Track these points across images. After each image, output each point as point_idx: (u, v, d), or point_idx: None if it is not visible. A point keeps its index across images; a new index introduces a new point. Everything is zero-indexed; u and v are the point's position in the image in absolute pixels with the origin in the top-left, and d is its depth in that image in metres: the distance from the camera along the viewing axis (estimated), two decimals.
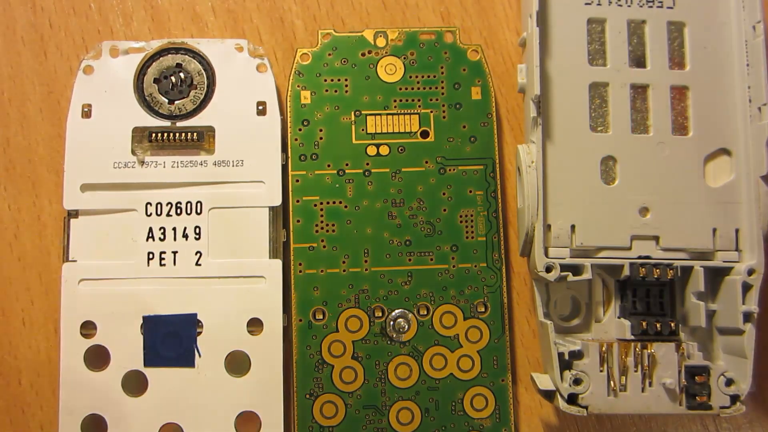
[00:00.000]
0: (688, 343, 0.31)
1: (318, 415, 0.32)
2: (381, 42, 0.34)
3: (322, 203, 0.33)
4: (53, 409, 0.32)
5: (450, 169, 0.33)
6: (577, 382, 0.30)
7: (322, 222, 0.33)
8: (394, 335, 0.32)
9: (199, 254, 0.32)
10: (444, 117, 0.33)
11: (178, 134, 0.32)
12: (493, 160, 0.33)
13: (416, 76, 0.33)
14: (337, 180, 0.33)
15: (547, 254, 0.31)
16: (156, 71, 0.33)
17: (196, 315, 0.31)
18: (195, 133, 0.32)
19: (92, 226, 0.32)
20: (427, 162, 0.33)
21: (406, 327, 0.32)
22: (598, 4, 0.32)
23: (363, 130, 0.33)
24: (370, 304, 0.32)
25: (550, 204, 0.31)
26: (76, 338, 0.31)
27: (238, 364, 0.31)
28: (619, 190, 0.31)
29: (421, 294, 0.32)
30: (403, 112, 0.33)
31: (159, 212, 0.32)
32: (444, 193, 0.33)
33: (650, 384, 0.30)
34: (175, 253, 0.32)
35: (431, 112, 0.33)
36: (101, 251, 0.32)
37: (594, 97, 0.32)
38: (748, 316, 0.30)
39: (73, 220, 0.32)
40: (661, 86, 0.32)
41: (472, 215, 0.33)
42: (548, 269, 0.30)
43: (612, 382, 0.30)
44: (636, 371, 0.30)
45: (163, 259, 0.32)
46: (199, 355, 0.31)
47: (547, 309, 0.32)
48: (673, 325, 0.31)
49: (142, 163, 0.32)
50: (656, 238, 0.31)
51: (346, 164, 0.33)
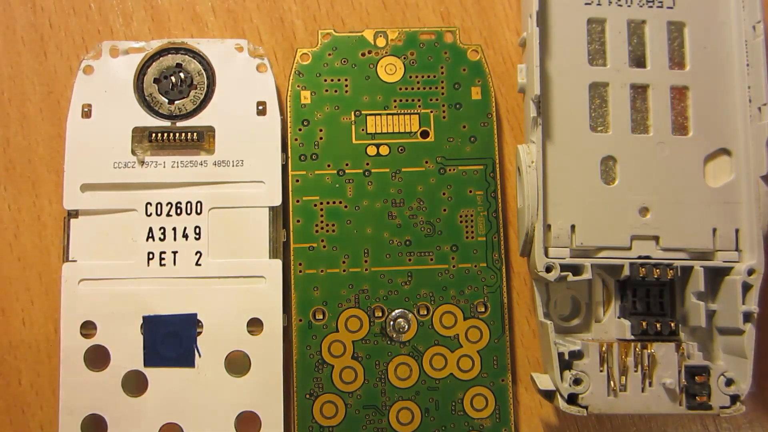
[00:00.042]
0: (688, 343, 0.31)
1: (318, 415, 0.32)
2: (381, 42, 0.34)
3: (322, 203, 0.33)
4: (53, 409, 0.32)
5: (450, 169, 0.33)
6: (577, 382, 0.30)
7: (322, 222, 0.33)
8: (394, 335, 0.32)
9: (199, 254, 0.32)
10: (444, 117, 0.33)
11: (178, 134, 0.32)
12: (493, 160, 0.33)
13: (416, 76, 0.33)
14: (337, 180, 0.33)
15: (547, 254, 0.31)
16: (156, 71, 0.33)
17: (196, 315, 0.31)
18: (195, 133, 0.32)
19: (92, 226, 0.32)
20: (427, 162, 0.33)
21: (406, 327, 0.32)
22: (598, 4, 0.32)
23: (363, 130, 0.33)
24: (370, 304, 0.32)
25: (550, 204, 0.31)
26: (76, 338, 0.31)
27: (238, 364, 0.31)
28: (619, 190, 0.31)
29: (421, 294, 0.32)
30: (403, 112, 0.33)
31: (159, 212, 0.32)
32: (444, 193, 0.33)
33: (650, 384, 0.30)
34: (175, 253, 0.32)
35: (431, 112, 0.33)
36: (101, 251, 0.32)
37: (594, 97, 0.32)
38: (748, 316, 0.30)
39: (73, 220, 0.32)
40: (661, 86, 0.32)
41: (472, 215, 0.33)
42: (548, 269, 0.30)
43: (612, 382, 0.30)
44: (636, 371, 0.30)
45: (163, 259, 0.32)
46: (199, 355, 0.31)
47: (547, 309, 0.32)
48: (673, 325, 0.31)
49: (142, 163, 0.32)
50: (656, 238, 0.31)
51: (346, 164, 0.33)
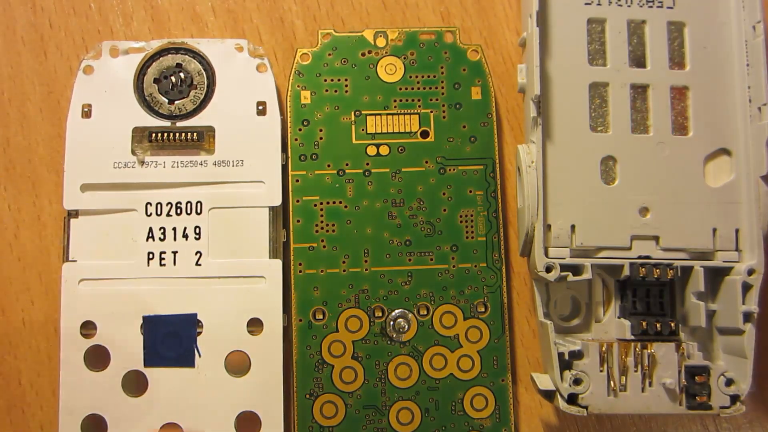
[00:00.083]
0: (688, 343, 0.31)
1: (318, 415, 0.32)
2: (381, 42, 0.34)
3: (322, 203, 0.33)
4: (53, 409, 0.32)
5: (450, 169, 0.33)
6: (577, 382, 0.30)
7: (322, 222, 0.32)
8: (394, 335, 0.32)
9: (199, 254, 0.32)
10: (444, 117, 0.33)
11: (178, 134, 0.32)
12: (493, 160, 0.33)
13: (416, 76, 0.33)
14: (337, 180, 0.33)
15: (547, 254, 0.31)
16: (156, 71, 0.33)
17: (196, 315, 0.31)
18: (195, 133, 0.32)
19: (92, 226, 0.32)
20: (427, 162, 0.33)
21: (406, 327, 0.32)
22: (598, 4, 0.32)
23: (363, 130, 0.33)
24: (370, 304, 0.32)
25: (550, 204, 0.31)
26: (76, 338, 0.31)
27: (238, 364, 0.31)
28: (619, 190, 0.31)
29: (421, 294, 0.32)
30: (403, 112, 0.33)
31: (159, 212, 0.32)
32: (444, 193, 0.33)
33: (650, 384, 0.30)
34: (175, 253, 0.32)
35: (431, 112, 0.33)
36: (101, 251, 0.32)
37: (594, 97, 0.32)
38: (748, 316, 0.30)
39: (73, 220, 0.32)
40: (661, 86, 0.32)
41: (472, 215, 0.33)
42: (548, 269, 0.30)
43: (612, 382, 0.30)
44: (636, 371, 0.30)
45: (163, 259, 0.32)
46: (199, 355, 0.31)
47: (547, 309, 0.32)
48: (673, 325, 0.31)
49: (142, 163, 0.32)
50: (656, 238, 0.31)
51: (346, 164, 0.33)
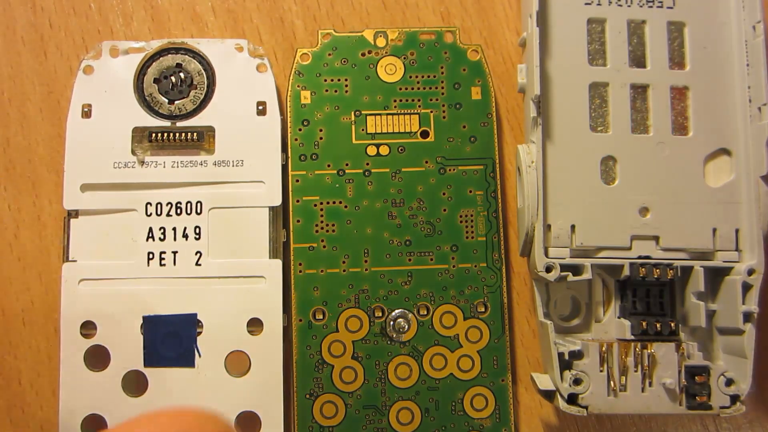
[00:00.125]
0: (688, 343, 0.31)
1: (318, 415, 0.32)
2: (381, 42, 0.34)
3: (322, 203, 0.33)
4: (53, 409, 0.32)
5: (450, 169, 0.33)
6: (577, 382, 0.30)
7: (322, 222, 0.32)
8: (394, 335, 0.32)
9: (199, 254, 0.32)
10: (444, 117, 0.33)
11: (178, 134, 0.32)
12: (493, 160, 0.33)
13: (416, 76, 0.33)
14: (337, 180, 0.33)
15: (547, 254, 0.31)
16: (156, 71, 0.33)
17: (196, 315, 0.31)
18: (195, 133, 0.32)
19: (92, 226, 0.32)
20: (427, 162, 0.33)
21: (406, 327, 0.32)
22: (598, 4, 0.32)
23: (363, 130, 0.33)
24: (370, 304, 0.32)
25: (550, 204, 0.31)
26: (76, 338, 0.31)
27: (238, 364, 0.31)
28: (619, 190, 0.31)
29: (421, 294, 0.32)
30: (403, 112, 0.33)
31: (159, 212, 0.32)
32: (444, 193, 0.33)
33: (650, 384, 0.30)
34: (175, 253, 0.32)
35: (431, 112, 0.33)
36: (101, 251, 0.32)
37: (594, 97, 0.32)
38: (748, 316, 0.30)
39: (73, 220, 0.32)
40: (661, 86, 0.32)
41: (472, 215, 0.33)
42: (548, 269, 0.30)
43: (612, 382, 0.30)
44: (636, 371, 0.30)
45: (163, 259, 0.32)
46: (199, 355, 0.31)
47: (547, 309, 0.32)
48: (673, 325, 0.31)
49: (142, 163, 0.32)
50: (656, 238, 0.31)
51: (346, 164, 0.33)
